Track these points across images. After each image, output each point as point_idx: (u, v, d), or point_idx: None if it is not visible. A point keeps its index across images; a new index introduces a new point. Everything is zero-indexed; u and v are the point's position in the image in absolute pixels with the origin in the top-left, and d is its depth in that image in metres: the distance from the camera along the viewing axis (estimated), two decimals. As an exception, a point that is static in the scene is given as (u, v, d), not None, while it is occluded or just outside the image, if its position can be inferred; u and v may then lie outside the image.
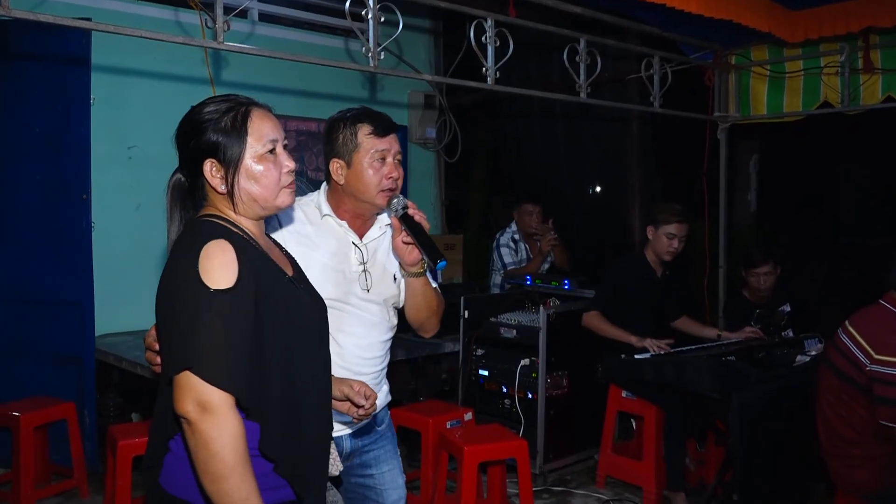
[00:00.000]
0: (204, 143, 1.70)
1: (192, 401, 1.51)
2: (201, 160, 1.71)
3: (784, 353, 3.95)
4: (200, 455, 1.52)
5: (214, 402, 1.51)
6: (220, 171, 1.71)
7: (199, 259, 1.57)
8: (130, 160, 5.00)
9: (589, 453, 4.70)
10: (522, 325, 4.55)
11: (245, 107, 1.73)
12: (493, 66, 3.60)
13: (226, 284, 1.56)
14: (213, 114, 1.71)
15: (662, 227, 4.24)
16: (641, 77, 4.63)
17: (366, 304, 2.30)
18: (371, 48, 3.20)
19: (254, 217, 1.76)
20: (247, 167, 1.70)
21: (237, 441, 1.52)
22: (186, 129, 1.73)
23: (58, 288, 4.46)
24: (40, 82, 4.43)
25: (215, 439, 1.51)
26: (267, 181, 1.72)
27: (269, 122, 1.74)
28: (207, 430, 1.51)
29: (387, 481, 2.39)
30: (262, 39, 5.47)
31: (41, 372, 4.49)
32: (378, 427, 2.42)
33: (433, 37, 6.79)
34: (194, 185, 1.76)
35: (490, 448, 3.58)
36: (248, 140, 1.70)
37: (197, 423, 1.51)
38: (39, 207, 4.49)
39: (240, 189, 1.71)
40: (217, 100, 1.74)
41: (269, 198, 1.73)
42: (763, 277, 4.50)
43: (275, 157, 1.73)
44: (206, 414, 1.51)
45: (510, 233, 5.61)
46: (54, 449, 4.33)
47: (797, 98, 5.04)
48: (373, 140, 2.22)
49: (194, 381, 1.51)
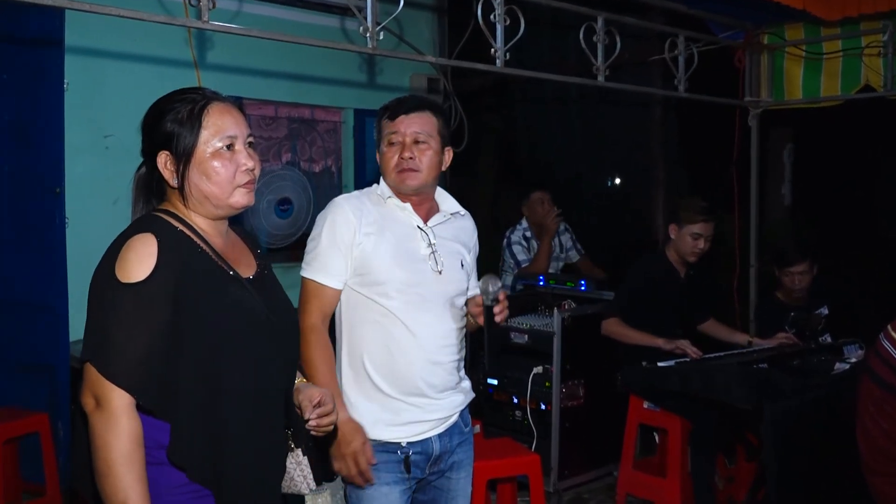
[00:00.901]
0: (160, 132, 1.77)
1: (90, 393, 1.65)
2: (157, 151, 1.79)
3: (821, 360, 3.95)
4: (92, 448, 1.64)
5: (107, 398, 1.63)
6: (173, 163, 1.77)
7: (120, 251, 1.68)
8: (107, 150, 5.01)
9: (608, 469, 4.70)
10: (535, 329, 4.55)
11: (206, 100, 1.79)
12: (503, 47, 3.60)
13: (136, 279, 1.64)
14: (175, 104, 1.78)
15: (687, 226, 4.23)
16: (665, 58, 4.62)
17: (439, 288, 2.43)
18: (369, 27, 3.20)
19: (207, 215, 1.81)
20: (199, 161, 1.76)
21: (124, 440, 1.62)
22: (147, 119, 1.82)
23: (28, 289, 4.47)
24: (8, 66, 4.44)
25: (101, 435, 1.63)
26: (219, 178, 1.77)
27: (231, 117, 1.80)
28: (96, 425, 1.63)
29: (460, 488, 2.52)
30: (251, 18, 5.47)
31: (9, 381, 4.51)
32: (466, 428, 2.54)
33: (437, 15, 6.79)
34: (151, 177, 1.83)
35: (500, 464, 3.58)
36: (203, 134, 1.76)
37: (90, 415, 1.65)
38: (7, 202, 4.50)
39: (190, 184, 1.77)
40: (182, 91, 1.82)
41: (220, 196, 1.78)
42: (798, 277, 4.49)
43: (231, 153, 1.78)
44: (98, 408, 1.64)
45: (521, 229, 5.62)
46: (25, 464, 4.34)
47: (835, 81, 5.03)
48: (386, 124, 2.48)
49: (93, 373, 1.65)
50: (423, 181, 2.47)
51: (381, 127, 2.51)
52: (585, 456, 4.59)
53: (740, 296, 5.33)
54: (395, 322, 2.36)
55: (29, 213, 4.46)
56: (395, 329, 2.36)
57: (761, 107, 5.25)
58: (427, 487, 2.50)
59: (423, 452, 2.41)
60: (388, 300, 2.36)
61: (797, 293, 4.53)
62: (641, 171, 7.32)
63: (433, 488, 2.50)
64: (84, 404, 1.67)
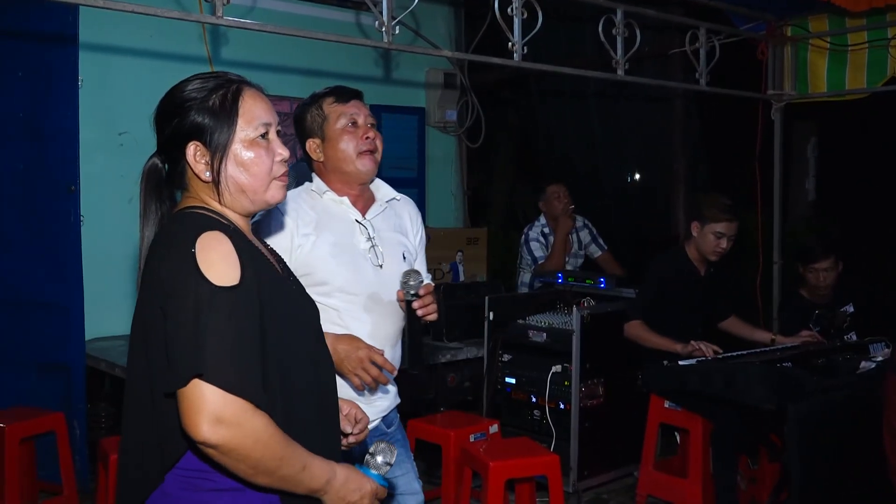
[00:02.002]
0: (188, 123, 1.66)
1: (207, 420, 1.45)
2: (184, 143, 1.67)
3: (846, 358, 3.92)
4: (242, 469, 1.50)
5: (231, 414, 1.46)
6: (206, 155, 1.67)
7: (196, 253, 1.53)
8: (122, 147, 5.05)
9: (628, 470, 4.69)
10: (554, 327, 4.54)
11: (236, 85, 1.70)
12: (521, 41, 3.59)
13: (230, 281, 1.52)
14: (200, 91, 1.68)
15: (710, 224, 4.20)
16: (686, 51, 4.61)
17: (381, 285, 2.40)
18: (385, 22, 3.20)
19: (241, 211, 1.72)
20: (235, 153, 1.67)
21: (272, 436, 1.51)
22: (167, 108, 1.70)
23: (43, 288, 4.51)
24: (22, 63, 4.47)
25: (251, 449, 1.48)
26: (257, 169, 1.68)
27: (262, 103, 1.72)
28: (237, 446, 1.47)
29: (402, 485, 2.48)
30: (265, 14, 5.49)
31: (25, 380, 4.54)
32: (388, 429, 2.50)
33: (454, 9, 6.79)
34: (173, 171, 1.74)
35: (518, 464, 3.58)
36: (239, 122, 1.67)
37: (221, 444, 1.46)
38: (22, 200, 4.53)
39: (227, 177, 1.68)
40: (203, 76, 1.71)
41: (258, 189, 1.70)
42: (823, 274, 4.46)
43: (267, 142, 1.70)
44: (226, 430, 1.46)
45: (540, 226, 5.61)
46: (42, 463, 4.38)
47: (861, 74, 4.99)
48: (339, 107, 2.44)
49: (206, 390, 1.45)
50: (378, 165, 2.48)
51: (327, 112, 2.45)
52: (605, 456, 4.58)
53: (763, 293, 5.29)
54: (338, 322, 2.35)
55: (44, 212, 4.50)
56: (337, 329, 2.32)
57: (784, 100, 5.21)
58: None
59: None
60: (329, 299, 2.34)
61: (822, 290, 4.50)
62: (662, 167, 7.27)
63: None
64: (203, 439, 1.46)
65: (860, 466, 3.46)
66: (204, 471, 1.59)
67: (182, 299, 1.50)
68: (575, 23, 6.65)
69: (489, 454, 3.56)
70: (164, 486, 1.60)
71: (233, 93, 1.68)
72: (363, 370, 2.25)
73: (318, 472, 1.60)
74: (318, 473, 1.60)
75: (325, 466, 1.62)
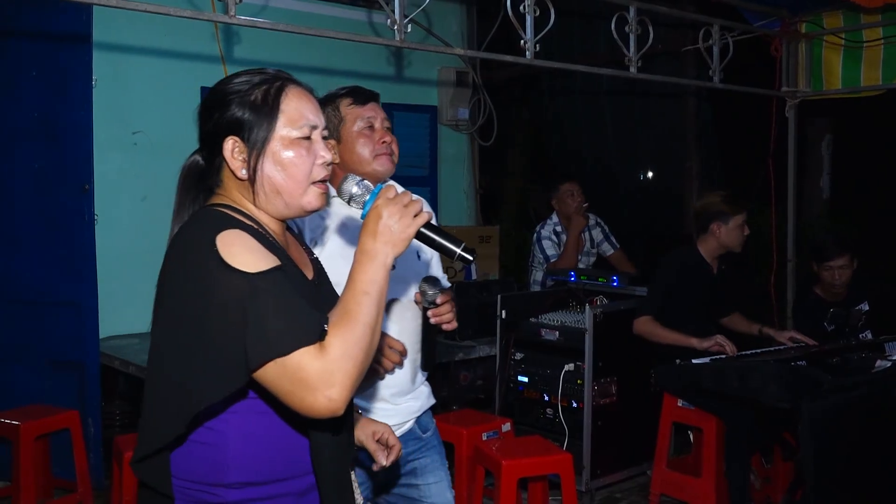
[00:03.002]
0: (228, 117, 1.61)
1: (304, 391, 1.42)
2: (222, 137, 1.62)
3: (861, 357, 3.90)
4: (348, 358, 1.45)
5: (317, 367, 1.42)
6: (243, 152, 1.61)
7: (219, 250, 1.47)
8: (135, 146, 5.07)
9: (641, 469, 4.69)
10: (566, 326, 4.54)
11: (281, 81, 1.65)
12: (533, 39, 3.59)
13: (262, 266, 1.48)
14: (243, 85, 1.62)
15: (734, 218, 4.24)
16: (699, 48, 4.59)
17: (394, 286, 2.36)
18: (397, 20, 3.20)
19: (275, 214, 1.66)
20: (274, 151, 1.60)
21: (351, 344, 1.45)
22: (210, 101, 1.65)
23: (57, 287, 4.54)
24: (37, 62, 4.50)
25: (357, 365, 1.45)
26: (295, 170, 1.61)
27: (309, 103, 1.66)
28: (334, 376, 1.43)
29: (434, 494, 2.47)
30: (278, 12, 5.51)
31: (40, 378, 4.58)
32: (424, 434, 2.50)
33: (466, 6, 6.79)
34: (210, 165, 1.68)
35: (531, 462, 3.58)
36: (280, 119, 1.61)
37: (332, 398, 1.42)
38: (37, 199, 4.56)
39: (263, 176, 1.61)
40: (251, 71, 1.66)
41: (294, 192, 1.62)
42: (838, 272, 4.44)
43: (309, 143, 1.63)
44: (323, 384, 1.42)
45: (552, 224, 5.60)
46: (56, 461, 4.41)
47: (876, 70, 4.96)
48: (356, 109, 2.41)
49: (287, 367, 1.42)
50: (395, 166, 2.47)
51: (344, 114, 2.41)
52: (618, 455, 4.58)
53: (778, 292, 5.27)
54: None
55: (58, 210, 4.53)
56: None
57: (799, 97, 5.19)
58: (399, 500, 2.47)
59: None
60: None
61: (837, 288, 4.48)
62: (675, 164, 7.27)
63: (405, 499, 2.46)
64: (315, 410, 1.44)
65: (875, 465, 3.44)
66: (208, 484, 1.58)
67: (218, 297, 1.46)
68: (587, 20, 6.64)
69: (502, 453, 3.56)
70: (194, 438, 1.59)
71: (276, 89, 1.63)
72: (384, 357, 2.26)
73: (363, 277, 1.51)
74: (365, 276, 1.51)
75: (361, 270, 1.52)
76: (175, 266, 1.54)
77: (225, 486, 1.58)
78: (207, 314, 1.46)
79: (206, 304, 1.46)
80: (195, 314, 1.48)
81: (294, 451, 1.64)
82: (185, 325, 1.50)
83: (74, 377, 4.54)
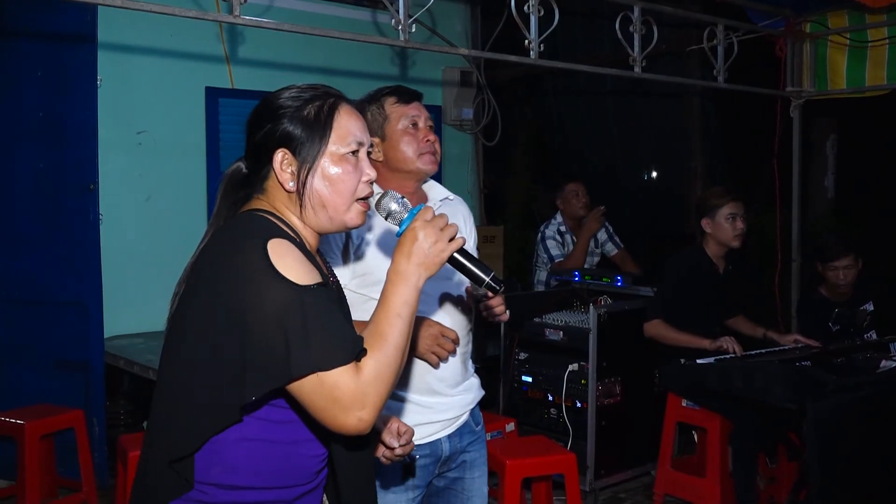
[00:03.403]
0: (280, 130, 1.65)
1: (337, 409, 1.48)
2: (273, 149, 1.66)
3: (866, 357, 3.89)
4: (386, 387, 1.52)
5: (352, 388, 1.47)
6: (292, 164, 1.65)
7: (269, 256, 1.51)
8: (140, 146, 5.08)
9: (645, 469, 4.68)
10: (570, 326, 4.54)
11: (333, 98, 1.69)
12: (537, 39, 3.59)
13: (311, 280, 1.53)
14: (295, 100, 1.67)
15: (718, 211, 4.18)
16: (703, 48, 4.58)
17: (436, 282, 2.39)
18: (401, 20, 3.21)
19: (317, 228, 1.70)
20: (323, 166, 1.65)
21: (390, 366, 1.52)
22: (261, 113, 1.69)
23: (62, 286, 4.55)
24: (41, 62, 4.51)
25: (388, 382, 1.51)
26: (343, 186, 1.66)
27: (358, 121, 1.71)
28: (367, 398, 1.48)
29: (475, 488, 2.52)
30: (282, 12, 5.51)
31: (45, 378, 4.59)
32: (476, 427, 2.54)
33: (470, 7, 6.79)
34: (255, 174, 1.71)
35: (535, 462, 3.58)
36: (331, 136, 1.65)
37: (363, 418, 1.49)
38: (42, 198, 4.57)
39: (311, 190, 1.65)
40: (301, 87, 1.70)
41: (340, 207, 1.67)
42: (843, 272, 4.43)
43: (356, 160, 1.68)
44: (356, 404, 1.48)
45: (556, 224, 5.60)
46: (61, 460, 4.42)
47: (881, 70, 4.95)
48: (401, 108, 2.41)
49: (325, 383, 1.47)
50: (438, 166, 2.49)
51: (389, 112, 2.42)
52: (622, 455, 4.57)
53: (782, 292, 5.26)
54: None
55: (63, 210, 4.54)
56: None
57: (803, 97, 5.18)
58: (440, 490, 2.49)
59: (431, 455, 2.40)
60: None
61: (841, 289, 4.47)
62: (679, 164, 7.27)
63: (447, 490, 2.49)
64: (348, 428, 1.49)
65: (880, 465, 3.44)
66: (200, 482, 1.60)
67: (265, 301, 1.49)
68: (591, 20, 6.64)
69: (506, 453, 3.56)
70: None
71: (329, 106, 1.67)
72: (438, 346, 2.29)
73: (396, 299, 1.57)
74: (398, 298, 1.57)
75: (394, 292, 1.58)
76: (219, 264, 1.56)
77: (215, 486, 1.60)
78: (249, 317, 1.49)
79: (251, 307, 1.49)
80: (237, 313, 1.50)
81: (297, 460, 1.66)
82: (227, 322, 1.52)
83: (79, 377, 4.54)
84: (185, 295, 1.60)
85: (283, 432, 1.63)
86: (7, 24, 4.52)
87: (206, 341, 1.54)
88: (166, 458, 1.58)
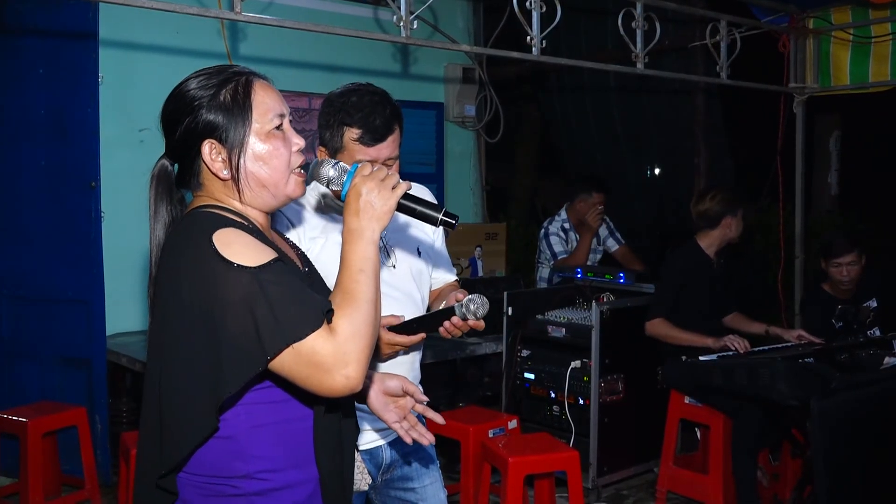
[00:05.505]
0: (201, 122, 1.62)
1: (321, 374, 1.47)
2: (198, 142, 1.63)
3: (870, 354, 3.89)
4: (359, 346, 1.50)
5: (330, 349, 1.46)
6: (222, 153, 1.63)
7: (218, 249, 1.49)
8: (142, 144, 5.07)
9: (648, 466, 4.68)
10: (573, 323, 4.53)
11: (245, 77, 1.66)
12: (539, 35, 3.58)
13: (264, 259, 1.51)
14: (207, 88, 1.63)
15: (740, 211, 4.32)
16: (707, 44, 4.58)
17: (395, 284, 2.35)
18: (403, 16, 3.20)
19: (262, 207, 1.68)
20: (252, 147, 1.63)
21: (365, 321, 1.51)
22: (176, 108, 1.66)
23: (64, 284, 4.55)
24: (43, 59, 4.51)
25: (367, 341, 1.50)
26: (277, 162, 1.64)
27: (273, 93, 1.68)
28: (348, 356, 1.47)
29: (429, 496, 2.44)
30: (283, 9, 5.50)
31: (47, 375, 4.59)
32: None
33: (472, 3, 6.78)
34: (187, 171, 1.69)
35: (537, 459, 3.58)
36: (253, 115, 1.63)
37: (349, 375, 1.47)
38: (43, 196, 4.58)
39: (246, 173, 1.63)
40: (206, 72, 1.67)
41: (279, 182, 1.65)
42: (846, 268, 4.42)
43: (282, 133, 1.66)
44: (339, 364, 1.46)
45: (560, 221, 5.59)
46: (64, 458, 4.43)
47: (885, 66, 4.94)
48: (359, 147, 2.21)
49: (302, 353, 1.46)
50: None
51: (346, 144, 2.22)
52: (625, 452, 4.57)
53: (786, 289, 5.25)
54: None
55: (65, 208, 4.54)
56: None
57: (807, 93, 5.17)
58: (389, 500, 2.45)
59: (371, 461, 2.36)
60: None
61: (845, 285, 4.46)
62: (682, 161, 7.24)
63: (402, 501, 2.44)
64: (333, 390, 1.48)
65: (885, 462, 3.43)
66: (226, 477, 1.59)
67: (225, 294, 1.48)
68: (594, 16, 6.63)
69: (508, 450, 3.56)
70: (182, 495, 1.60)
71: (243, 86, 1.64)
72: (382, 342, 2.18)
73: (354, 256, 1.57)
74: (357, 255, 1.57)
75: (352, 250, 1.58)
76: (174, 270, 1.56)
77: (243, 478, 1.60)
78: (216, 313, 1.48)
79: (214, 304, 1.48)
80: (203, 315, 1.49)
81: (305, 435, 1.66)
82: (194, 328, 1.50)
83: (82, 374, 4.55)
84: (153, 306, 1.61)
85: (292, 410, 1.64)
86: (9, 21, 4.52)
87: (178, 356, 1.53)
88: (153, 476, 1.58)
